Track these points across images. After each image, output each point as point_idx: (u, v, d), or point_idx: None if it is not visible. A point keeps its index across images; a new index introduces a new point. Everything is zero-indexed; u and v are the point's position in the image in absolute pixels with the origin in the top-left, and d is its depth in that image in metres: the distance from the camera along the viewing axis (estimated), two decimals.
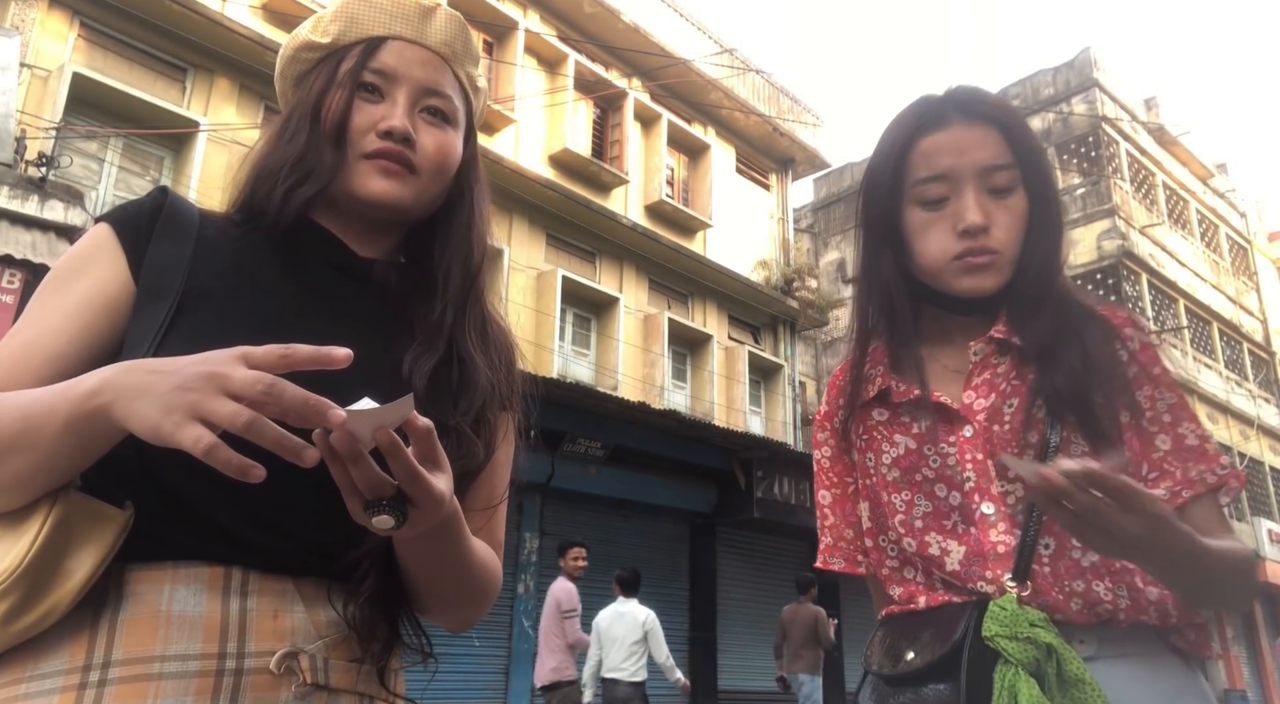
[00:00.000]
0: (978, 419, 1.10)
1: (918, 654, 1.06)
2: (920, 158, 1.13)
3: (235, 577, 0.76)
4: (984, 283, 1.11)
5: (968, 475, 1.09)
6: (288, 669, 0.74)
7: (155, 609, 0.72)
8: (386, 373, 0.86)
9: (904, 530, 1.13)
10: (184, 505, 0.75)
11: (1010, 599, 1.01)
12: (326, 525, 0.79)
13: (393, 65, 0.92)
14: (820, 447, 1.29)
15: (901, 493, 1.14)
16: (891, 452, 1.16)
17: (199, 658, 0.71)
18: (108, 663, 0.70)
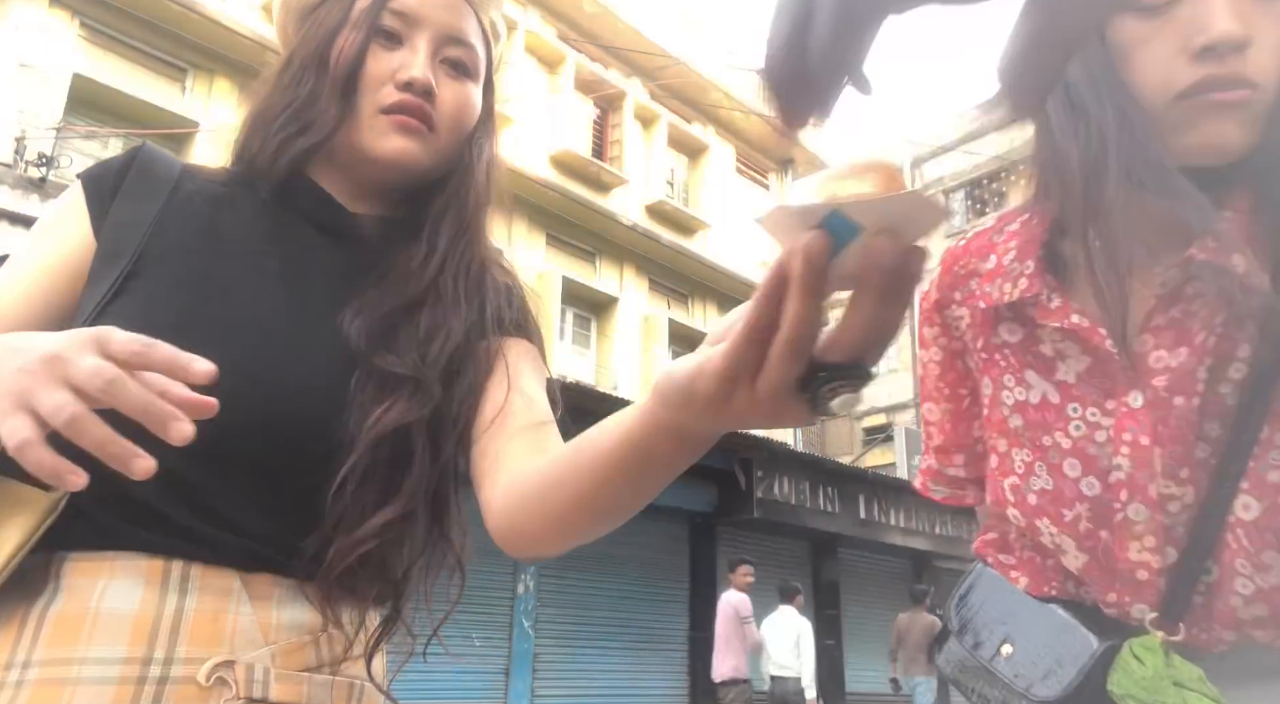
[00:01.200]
0: (1156, 382, 0.76)
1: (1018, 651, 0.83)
2: None
3: (175, 570, 0.68)
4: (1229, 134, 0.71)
5: (1119, 462, 0.78)
6: (219, 679, 0.66)
7: (85, 605, 0.66)
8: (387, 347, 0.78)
9: (1013, 497, 0.86)
10: (120, 491, 0.66)
11: (1154, 645, 0.75)
12: (275, 510, 0.72)
13: (415, 8, 0.82)
14: (928, 346, 0.98)
15: (1022, 450, 0.85)
16: (1018, 392, 0.85)
17: (121, 662, 0.65)
18: (29, 662, 0.64)
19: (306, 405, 0.73)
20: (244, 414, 0.69)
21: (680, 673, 10.40)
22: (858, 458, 17.69)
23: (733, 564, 7.84)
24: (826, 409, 0.43)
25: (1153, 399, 0.77)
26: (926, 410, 1.01)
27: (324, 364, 0.75)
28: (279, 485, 0.72)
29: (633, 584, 10.13)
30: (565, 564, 9.59)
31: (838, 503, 11.47)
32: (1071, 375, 0.82)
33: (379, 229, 0.85)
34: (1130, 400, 0.78)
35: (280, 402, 0.72)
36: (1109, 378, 0.80)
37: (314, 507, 0.72)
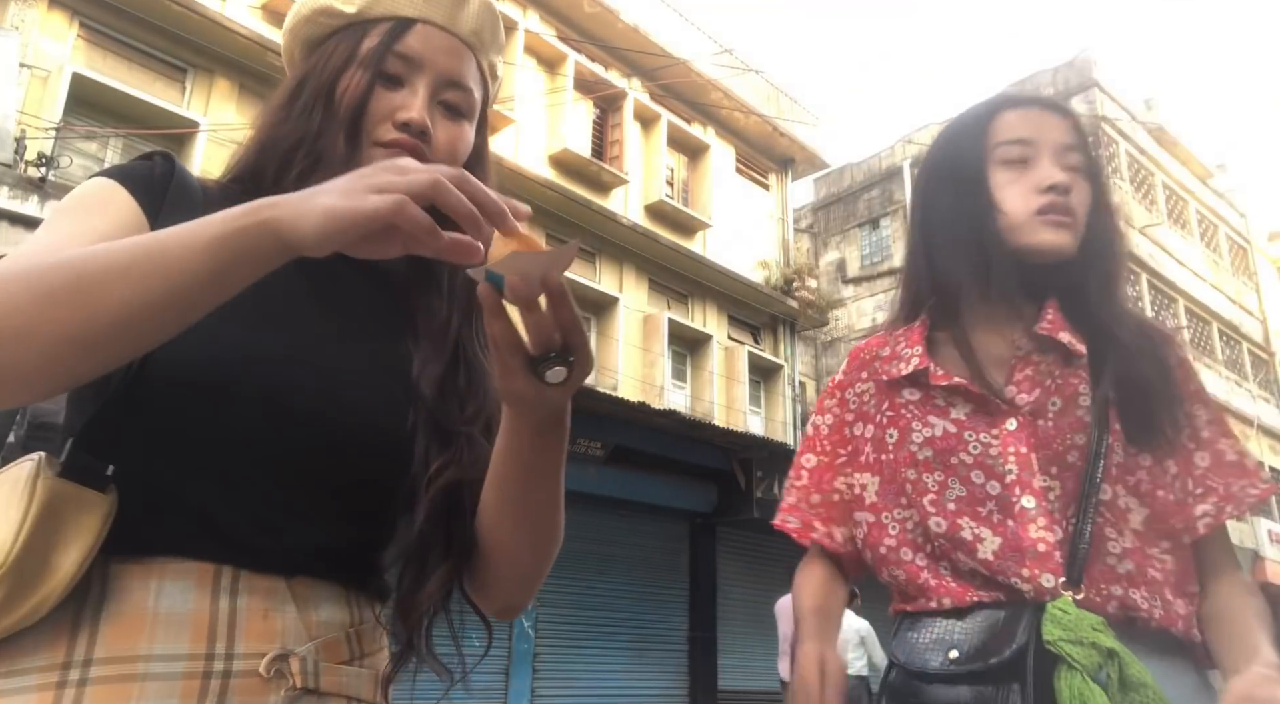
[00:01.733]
0: (1022, 414, 1.11)
1: (965, 655, 1.05)
2: (1003, 126, 1.20)
3: (225, 575, 0.72)
4: (1063, 240, 1.13)
5: (1009, 468, 1.09)
6: (277, 672, 0.71)
7: (142, 606, 0.68)
8: (394, 369, 0.83)
9: (934, 509, 1.13)
10: (175, 498, 0.72)
11: (1067, 602, 1.01)
12: (324, 521, 0.77)
13: (419, 51, 0.85)
14: (824, 413, 1.30)
15: (934, 473, 1.14)
16: (924, 431, 1.15)
17: (185, 659, 0.68)
18: (89, 661, 0.66)
19: (370, 430, 0.79)
20: (314, 432, 0.75)
21: (680, 673, 10.40)
22: None
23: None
24: (546, 381, 0.68)
25: (1023, 422, 1.11)
26: (805, 459, 1.29)
27: (380, 395, 0.81)
28: (335, 502, 0.78)
29: (633, 584, 10.13)
30: (565, 564, 9.60)
31: None
32: (962, 415, 1.15)
33: (394, 264, 0.87)
34: (1007, 425, 1.12)
35: (347, 424, 0.78)
36: (988, 414, 1.13)
37: (359, 520, 0.80)
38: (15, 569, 0.63)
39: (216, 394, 0.72)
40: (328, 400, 0.77)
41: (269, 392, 0.74)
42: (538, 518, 0.82)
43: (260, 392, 0.74)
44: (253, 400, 0.74)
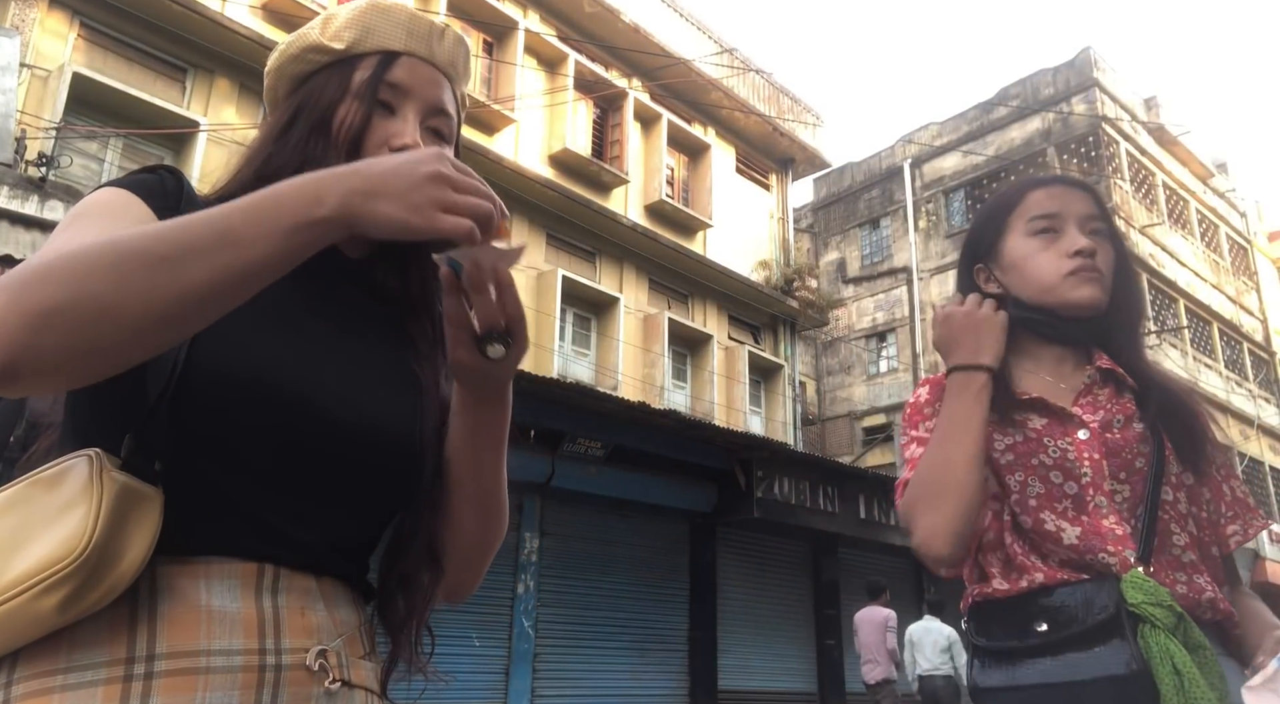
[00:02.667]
0: (1092, 425, 1.28)
1: (1052, 625, 1.18)
2: (1033, 203, 1.38)
3: (268, 573, 0.76)
4: (1095, 294, 1.31)
5: (1085, 470, 1.25)
6: (321, 666, 0.76)
7: (196, 604, 0.72)
8: (403, 382, 0.89)
9: (1019, 509, 1.28)
10: (221, 497, 0.75)
11: (1139, 575, 1.15)
12: (355, 519, 0.84)
13: (406, 81, 0.92)
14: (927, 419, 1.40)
15: (1015, 474, 1.29)
16: (1005, 440, 1.30)
17: (243, 653, 0.72)
18: (153, 655, 0.69)
19: (391, 435, 0.85)
20: (343, 436, 0.80)
21: (680, 673, 10.40)
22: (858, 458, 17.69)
23: (876, 589, 9.06)
24: (487, 357, 0.79)
25: (1094, 432, 1.28)
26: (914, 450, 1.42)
27: (396, 404, 0.87)
28: (358, 502, 0.84)
29: (633, 584, 10.13)
30: (565, 564, 9.59)
31: (838, 503, 11.47)
32: (1039, 425, 1.30)
33: (386, 278, 0.95)
34: (1080, 435, 1.28)
35: (371, 428, 0.83)
36: (1062, 425, 1.29)
37: (375, 520, 0.87)
38: (89, 561, 0.65)
39: (258, 399, 0.76)
40: (354, 406, 0.82)
41: (304, 396, 0.79)
42: (483, 495, 0.90)
43: (297, 396, 0.78)
44: (290, 405, 0.78)
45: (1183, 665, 1.06)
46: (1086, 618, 1.15)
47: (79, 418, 0.78)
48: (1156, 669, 1.08)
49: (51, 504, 0.68)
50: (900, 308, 20.26)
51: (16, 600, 0.65)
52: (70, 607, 0.66)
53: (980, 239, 1.43)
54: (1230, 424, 19.54)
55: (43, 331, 0.62)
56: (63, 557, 0.65)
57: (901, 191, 20.86)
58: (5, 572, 0.66)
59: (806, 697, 11.65)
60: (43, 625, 0.66)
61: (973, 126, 20.10)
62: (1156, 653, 1.08)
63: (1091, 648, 1.14)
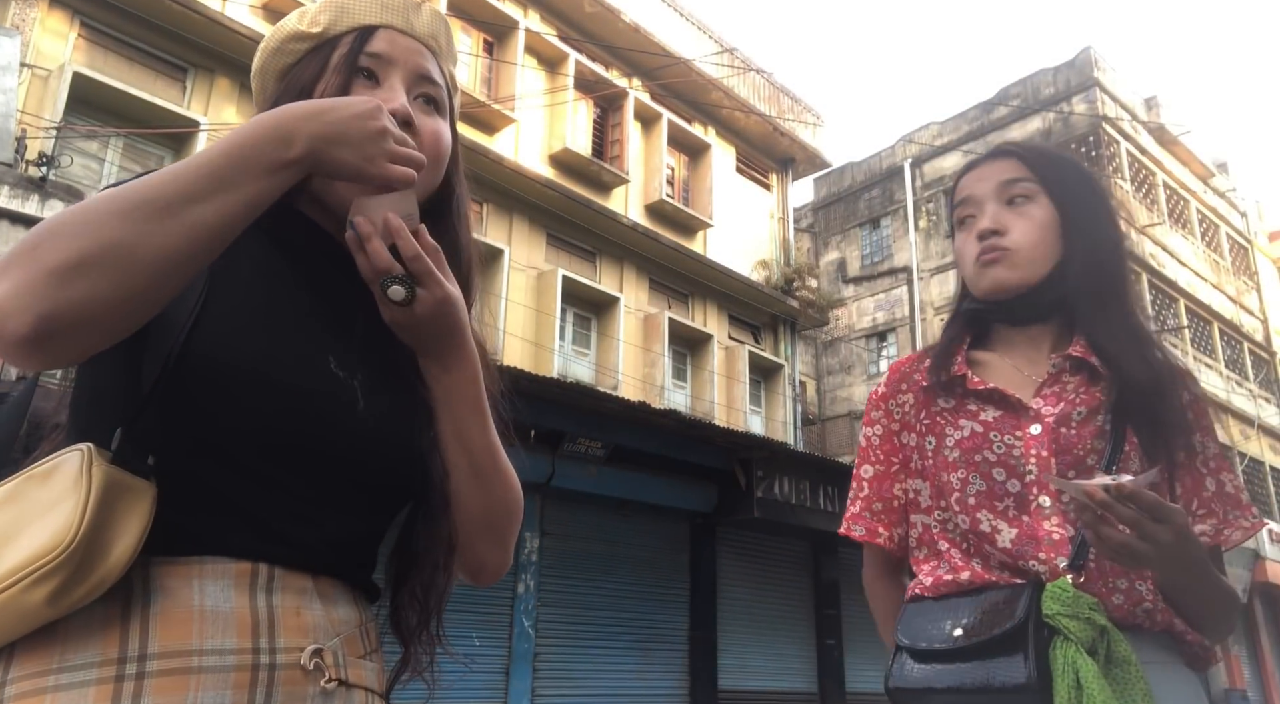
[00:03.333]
0: (1046, 420, 1.20)
1: (966, 630, 1.14)
2: (956, 194, 1.35)
3: (262, 573, 0.75)
4: (999, 276, 1.25)
5: (1030, 468, 1.19)
6: (316, 665, 0.75)
7: (188, 603, 0.71)
8: (402, 379, 0.88)
9: (958, 507, 1.23)
10: (216, 495, 0.75)
11: (1066, 583, 1.10)
12: (353, 516, 0.83)
13: (387, 51, 0.92)
14: (873, 424, 1.39)
15: (958, 471, 1.23)
16: (955, 434, 1.25)
17: (235, 652, 0.71)
18: (144, 655, 0.69)
19: (390, 432, 0.85)
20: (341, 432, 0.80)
21: (680, 673, 10.39)
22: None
23: None
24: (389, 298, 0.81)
25: (1046, 428, 1.20)
26: (862, 470, 1.38)
27: (398, 401, 0.87)
28: (357, 499, 0.84)
29: (633, 584, 10.13)
30: (565, 564, 9.59)
31: (838, 503, 11.46)
32: (990, 417, 1.24)
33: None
34: (1031, 430, 1.20)
35: (370, 425, 0.83)
36: (1014, 418, 1.22)
37: (375, 517, 0.86)
38: (76, 553, 0.65)
39: (254, 393, 0.76)
40: (350, 402, 0.82)
41: (300, 391, 0.78)
42: (476, 464, 0.89)
43: (293, 391, 0.78)
44: (286, 399, 0.77)
45: (1087, 679, 1.02)
46: (994, 625, 1.12)
47: (80, 417, 0.78)
48: (1055, 682, 1.05)
49: (43, 498, 0.68)
50: (900, 308, 20.26)
51: (5, 594, 0.65)
52: (60, 599, 0.65)
53: (951, 231, 1.40)
54: (1231, 424, 19.54)
55: (69, 284, 0.63)
56: (50, 549, 0.65)
57: (902, 191, 20.85)
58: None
59: (806, 697, 11.65)
60: (33, 619, 0.66)
61: (973, 126, 20.10)
62: (1061, 666, 1.05)
63: (998, 656, 1.10)
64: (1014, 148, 1.34)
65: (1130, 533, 0.98)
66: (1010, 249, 1.25)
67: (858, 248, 21.56)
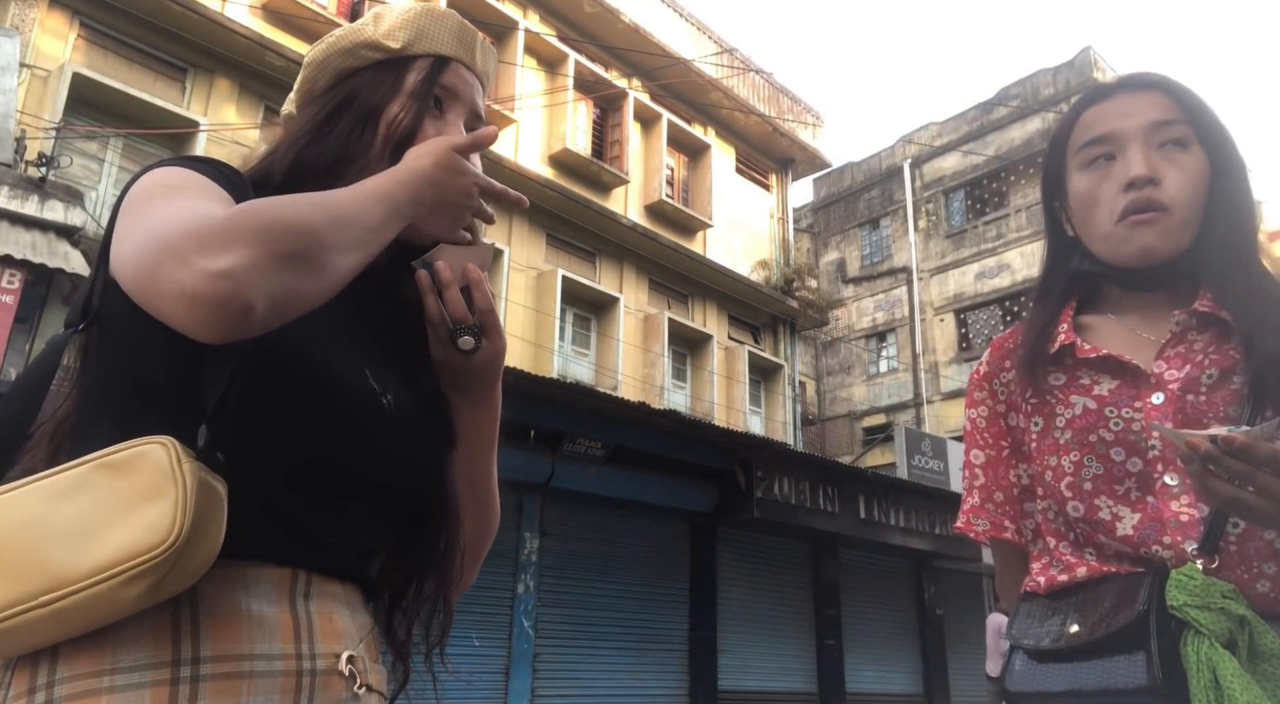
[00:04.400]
0: (1170, 387, 1.04)
1: (1085, 627, 1.01)
2: (1083, 125, 1.14)
3: (300, 579, 0.77)
4: (1151, 241, 1.06)
5: (1153, 444, 1.03)
6: (351, 671, 0.77)
7: (236, 608, 0.72)
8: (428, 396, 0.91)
9: (1070, 494, 1.09)
10: (262, 499, 0.75)
11: (1194, 569, 0.96)
12: (380, 530, 0.86)
13: (457, 86, 0.96)
14: (976, 406, 1.25)
15: (1070, 454, 1.09)
16: (1066, 413, 1.10)
17: (282, 657, 0.73)
18: (198, 659, 0.69)
19: (425, 447, 0.88)
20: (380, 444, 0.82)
21: (680, 673, 10.39)
22: (858, 458, 17.68)
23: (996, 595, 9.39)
24: (459, 348, 0.86)
25: (1170, 396, 1.04)
26: (972, 456, 1.24)
27: (430, 423, 0.89)
28: (389, 513, 0.86)
29: (633, 584, 10.13)
30: (565, 564, 9.59)
31: (838, 503, 11.46)
32: (1105, 391, 1.08)
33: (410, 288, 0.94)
34: (1153, 399, 1.05)
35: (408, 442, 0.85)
36: (1133, 388, 1.06)
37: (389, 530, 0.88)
38: (176, 552, 0.65)
39: (316, 403, 0.77)
40: (387, 417, 0.84)
41: (352, 403, 0.80)
42: (476, 497, 0.95)
43: (347, 403, 0.80)
44: (341, 411, 0.79)
45: (1227, 678, 0.88)
46: (1110, 621, 0.98)
47: (111, 408, 0.75)
48: (1191, 683, 0.90)
49: (124, 490, 0.67)
50: (900, 308, 20.26)
51: (101, 586, 0.64)
52: (150, 597, 0.66)
53: (1049, 172, 1.20)
54: None
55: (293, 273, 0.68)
56: (152, 546, 0.64)
57: (901, 191, 20.85)
58: (84, 557, 0.65)
59: (806, 697, 11.65)
60: (120, 613, 0.66)
61: (973, 126, 20.10)
62: (1194, 664, 0.91)
63: (1116, 655, 0.96)
64: (1160, 80, 1.12)
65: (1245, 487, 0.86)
66: (1168, 207, 1.05)
67: (857, 248, 21.56)
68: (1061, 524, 1.11)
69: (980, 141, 19.63)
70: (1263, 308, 1.05)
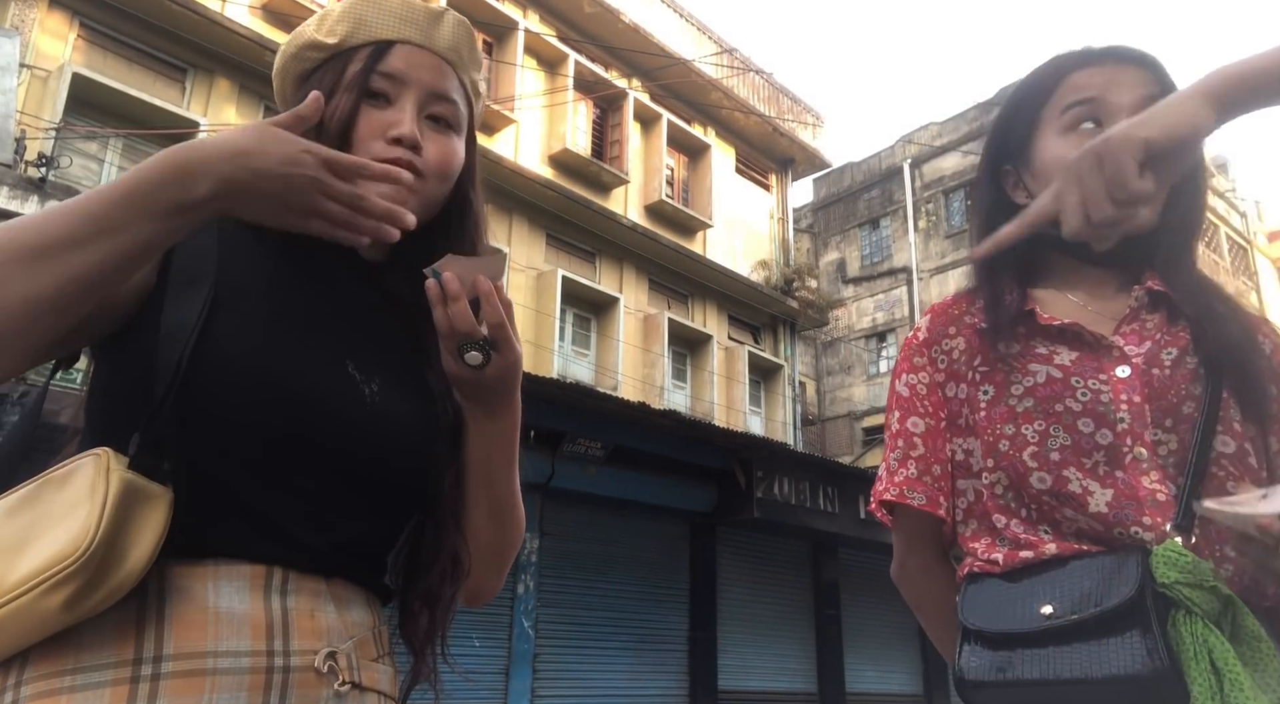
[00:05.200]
0: (1134, 361, 1.03)
1: (1062, 608, 0.94)
2: (1069, 89, 1.10)
3: (276, 576, 0.76)
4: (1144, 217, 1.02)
5: (1121, 416, 1.00)
6: (330, 668, 0.76)
7: (203, 605, 0.72)
8: (415, 383, 0.89)
9: (1035, 464, 1.03)
10: (229, 497, 0.75)
11: (1177, 545, 0.92)
12: (366, 521, 0.83)
13: (401, 69, 0.90)
14: (915, 372, 1.17)
15: (1034, 422, 1.04)
16: (1025, 381, 1.06)
17: (250, 654, 0.72)
18: (160, 657, 0.69)
19: (401, 434, 0.85)
20: (354, 435, 0.81)
21: (680, 673, 10.39)
22: (858, 458, 17.69)
23: None
24: (466, 363, 0.82)
25: (1136, 370, 1.02)
26: (910, 424, 1.16)
27: (414, 409, 0.87)
28: (370, 502, 0.84)
29: (633, 584, 10.13)
30: (565, 564, 9.59)
31: (838, 503, 11.46)
32: (1067, 360, 1.05)
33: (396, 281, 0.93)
34: (1118, 372, 1.03)
35: (381, 427, 0.83)
36: (1095, 359, 1.04)
37: (386, 520, 0.86)
38: (93, 559, 0.65)
39: (267, 398, 0.76)
40: (366, 409, 0.82)
41: (315, 397, 0.79)
42: (497, 505, 0.92)
43: (307, 397, 0.78)
44: (299, 405, 0.78)
45: (1224, 662, 0.84)
46: (1102, 600, 0.91)
47: (95, 421, 0.79)
48: (1188, 667, 0.85)
49: (60, 503, 0.68)
50: (900, 308, 20.26)
51: (21, 600, 0.65)
52: (75, 605, 0.65)
53: (1008, 132, 1.15)
54: None
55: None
56: (68, 554, 0.64)
57: (901, 192, 20.85)
58: (11, 571, 0.66)
59: (806, 697, 11.65)
60: (48, 625, 0.66)
61: (973, 126, 20.10)
62: (1190, 646, 0.85)
63: (1104, 638, 0.90)
64: (1150, 58, 1.11)
65: None
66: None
67: (857, 248, 21.56)
68: (1012, 499, 1.06)
69: (980, 141, 19.61)
70: (1206, 296, 1.06)
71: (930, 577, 1.18)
